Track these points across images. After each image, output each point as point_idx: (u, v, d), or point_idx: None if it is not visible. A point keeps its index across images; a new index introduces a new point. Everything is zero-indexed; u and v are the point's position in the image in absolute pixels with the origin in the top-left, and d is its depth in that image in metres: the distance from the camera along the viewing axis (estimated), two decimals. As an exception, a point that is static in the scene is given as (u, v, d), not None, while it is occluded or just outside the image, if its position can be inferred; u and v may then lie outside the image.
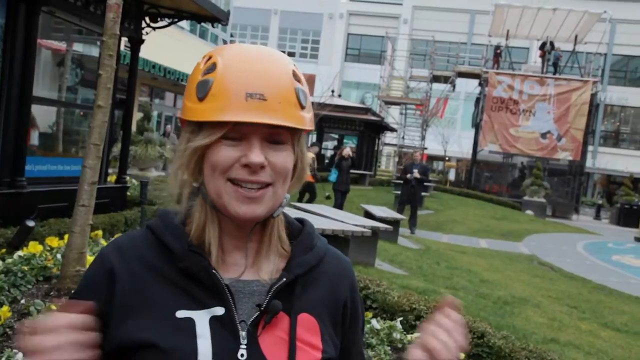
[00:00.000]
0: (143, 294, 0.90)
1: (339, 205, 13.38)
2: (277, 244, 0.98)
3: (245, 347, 0.89)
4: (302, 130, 0.94)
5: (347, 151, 14.91)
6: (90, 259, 4.45)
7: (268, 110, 0.87)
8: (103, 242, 5.59)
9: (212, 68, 0.90)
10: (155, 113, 20.69)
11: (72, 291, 0.99)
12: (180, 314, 0.89)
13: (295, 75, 0.92)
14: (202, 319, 0.89)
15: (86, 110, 8.69)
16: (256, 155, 0.88)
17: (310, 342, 0.94)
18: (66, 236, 4.79)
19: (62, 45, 8.01)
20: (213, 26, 9.73)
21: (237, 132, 0.88)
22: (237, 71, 0.89)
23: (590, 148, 32.10)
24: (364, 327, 1.11)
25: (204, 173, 0.92)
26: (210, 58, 0.92)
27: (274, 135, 0.90)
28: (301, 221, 1.05)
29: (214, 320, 0.89)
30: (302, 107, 0.92)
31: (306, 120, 0.93)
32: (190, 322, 0.88)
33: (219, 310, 0.90)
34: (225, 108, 0.86)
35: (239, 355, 0.88)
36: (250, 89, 0.87)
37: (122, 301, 0.90)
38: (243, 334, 0.90)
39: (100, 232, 5.92)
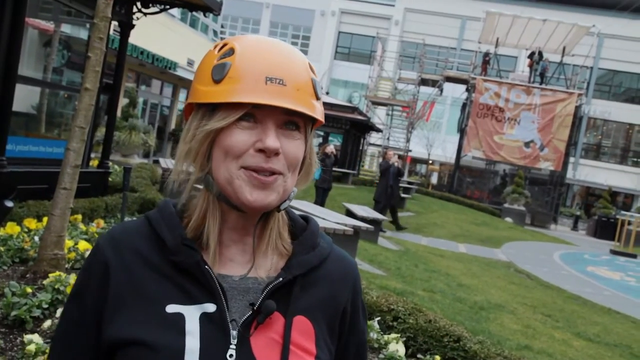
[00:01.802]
0: (135, 288, 0.88)
1: (320, 202, 13.38)
2: (276, 240, 0.95)
3: (234, 347, 0.86)
4: (315, 121, 0.93)
5: (331, 148, 14.89)
6: (69, 243, 4.40)
7: (287, 96, 0.86)
8: (82, 227, 5.53)
9: (229, 52, 0.88)
10: (140, 100, 20.50)
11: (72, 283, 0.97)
12: (171, 308, 0.86)
13: (310, 67, 0.93)
14: (192, 315, 0.86)
15: (71, 92, 8.59)
16: (273, 140, 0.86)
17: (304, 347, 0.90)
18: (45, 218, 4.73)
19: (49, 26, 7.90)
20: (205, 16, 9.64)
21: (253, 116, 0.87)
22: (257, 56, 0.88)
23: (571, 159, 32.46)
24: (366, 333, 1.07)
25: (213, 159, 0.89)
26: (225, 45, 0.91)
27: (289, 123, 0.89)
28: (306, 219, 1.03)
29: (204, 317, 0.86)
30: (317, 98, 0.92)
31: (320, 111, 0.93)
32: (180, 318, 0.86)
33: (210, 307, 0.87)
34: (244, 90, 0.85)
35: (227, 355, 0.85)
36: (270, 73, 0.86)
37: (115, 295, 0.88)
38: (234, 333, 0.86)
39: (79, 217, 5.86)
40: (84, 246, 4.60)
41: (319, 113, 0.92)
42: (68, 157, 3.95)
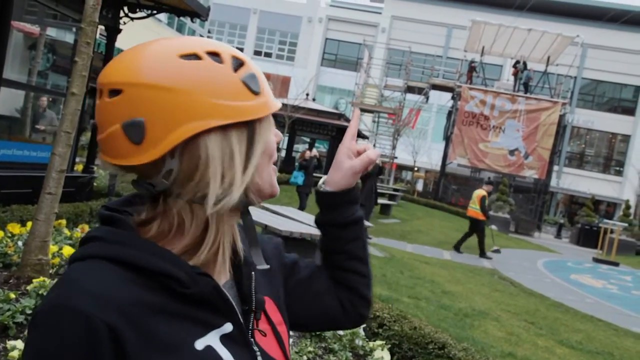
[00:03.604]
0: (155, 343, 0.75)
1: (302, 207, 13.37)
2: None
3: (259, 353, 0.88)
4: None
5: (315, 152, 14.88)
6: (53, 248, 4.36)
7: None
8: (66, 232, 5.48)
9: (239, 62, 0.84)
10: (126, 104, 20.40)
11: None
12: (199, 344, 0.79)
13: None
14: (216, 341, 0.82)
15: (56, 96, 8.53)
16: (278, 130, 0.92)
17: (278, 320, 0.97)
18: (29, 223, 4.70)
19: (35, 29, 7.85)
20: (192, 21, 9.60)
21: None
22: (253, 62, 0.89)
23: (555, 168, 32.78)
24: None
25: (258, 168, 0.86)
26: (216, 54, 0.83)
27: None
28: None
29: (225, 340, 0.83)
30: None
31: None
32: (210, 350, 0.80)
33: (228, 327, 0.84)
34: (272, 97, 0.88)
35: None
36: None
37: None
38: (252, 340, 0.89)
39: (64, 222, 5.81)
40: (68, 251, 4.57)
41: None
42: (53, 162, 3.93)
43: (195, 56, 0.80)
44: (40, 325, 0.73)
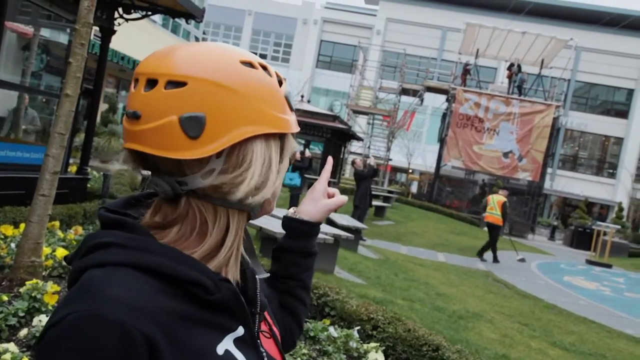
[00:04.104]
0: (184, 351, 0.75)
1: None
2: None
3: (265, 355, 0.89)
4: None
5: (308, 153, 14.87)
6: (46, 250, 4.35)
7: None
8: (60, 234, 5.46)
9: (280, 80, 0.89)
10: (121, 105, 20.35)
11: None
12: (220, 349, 0.80)
13: None
14: (231, 345, 0.82)
15: (49, 97, 8.51)
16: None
17: (271, 322, 0.99)
18: (22, 225, 4.67)
19: (28, 29, 7.83)
20: (187, 22, 9.60)
21: None
22: None
23: (549, 170, 32.90)
24: None
25: (282, 177, 0.91)
26: (265, 68, 0.87)
27: None
28: None
29: (238, 342, 0.84)
30: None
31: None
32: (229, 355, 0.81)
33: (240, 331, 0.85)
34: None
35: None
36: None
37: None
38: (259, 343, 0.90)
39: (57, 223, 5.79)
40: (62, 253, 4.54)
41: None
42: (47, 163, 3.92)
43: (252, 65, 0.84)
44: (71, 339, 0.69)
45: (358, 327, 4.47)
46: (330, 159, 1.26)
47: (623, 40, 39.26)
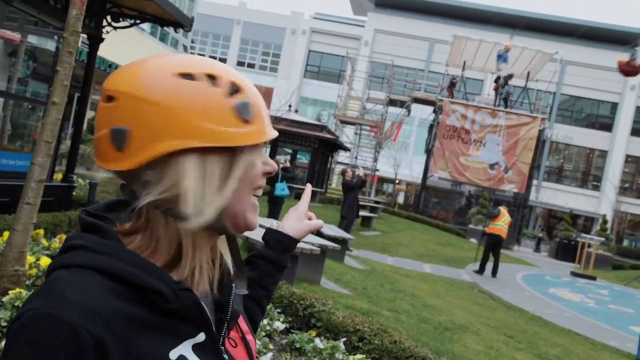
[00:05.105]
0: (134, 355, 0.76)
1: (276, 217, 13.30)
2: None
3: None
4: None
5: (284, 161, 14.90)
6: (30, 258, 4.30)
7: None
8: (44, 242, 5.40)
9: (235, 88, 0.85)
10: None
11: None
12: (173, 355, 0.81)
13: None
14: (188, 351, 0.83)
15: (35, 104, 8.44)
16: (273, 161, 0.92)
17: (247, 330, 0.99)
18: (6, 233, 4.62)
19: (15, 36, 7.78)
20: (176, 31, 9.59)
21: None
22: (254, 90, 0.89)
23: (534, 182, 33.15)
24: None
25: (235, 195, 0.86)
26: (214, 77, 0.85)
27: None
28: None
29: (197, 348, 0.84)
30: None
31: None
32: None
33: (201, 337, 0.86)
34: (267, 125, 0.89)
35: None
36: (265, 106, 0.90)
37: None
38: (222, 349, 0.90)
39: (41, 232, 5.73)
40: (46, 262, 4.50)
41: None
42: (33, 172, 3.88)
43: (191, 76, 0.83)
44: (26, 334, 0.72)
45: (344, 339, 4.46)
46: (309, 186, 1.34)
47: (608, 55, 39.77)
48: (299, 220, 1.27)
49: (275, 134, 0.90)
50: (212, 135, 0.82)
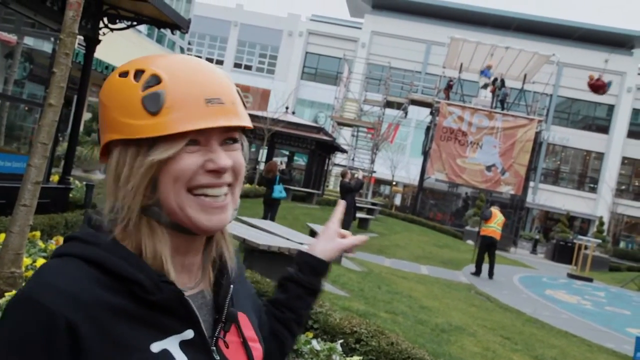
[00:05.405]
0: (111, 342, 0.79)
1: (272, 218, 13.29)
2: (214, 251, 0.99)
3: None
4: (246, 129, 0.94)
5: (280, 164, 14.80)
6: (26, 260, 4.29)
7: (227, 113, 0.87)
8: (41, 244, 5.39)
9: (154, 80, 0.85)
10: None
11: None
12: (155, 347, 0.82)
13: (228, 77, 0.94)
14: (174, 346, 0.84)
15: (32, 105, 8.43)
16: (224, 159, 0.87)
17: (252, 337, 0.99)
18: (2, 235, 4.60)
19: (12, 37, 7.77)
20: (172, 33, 9.61)
21: (196, 140, 0.86)
22: (189, 79, 0.86)
23: (531, 184, 33.19)
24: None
25: (161, 188, 0.85)
26: (141, 71, 0.86)
27: (229, 137, 0.90)
28: None
29: (185, 345, 0.85)
30: (245, 107, 0.94)
31: (248, 117, 0.94)
32: (167, 354, 0.83)
33: (189, 334, 0.86)
34: (188, 117, 0.83)
35: None
36: (208, 95, 0.85)
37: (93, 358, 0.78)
38: (214, 349, 0.90)
39: (38, 234, 5.71)
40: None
41: (249, 120, 0.93)
42: (29, 173, 3.87)
43: (126, 74, 0.87)
44: (9, 315, 0.79)
45: (341, 340, 4.46)
46: (341, 202, 1.31)
47: (604, 57, 39.89)
48: (330, 240, 1.23)
49: (188, 126, 0.83)
50: (123, 129, 0.85)
